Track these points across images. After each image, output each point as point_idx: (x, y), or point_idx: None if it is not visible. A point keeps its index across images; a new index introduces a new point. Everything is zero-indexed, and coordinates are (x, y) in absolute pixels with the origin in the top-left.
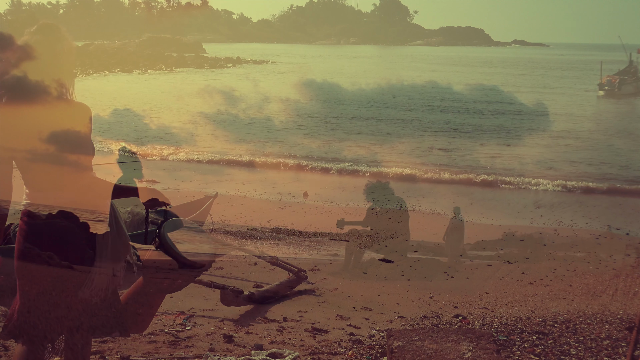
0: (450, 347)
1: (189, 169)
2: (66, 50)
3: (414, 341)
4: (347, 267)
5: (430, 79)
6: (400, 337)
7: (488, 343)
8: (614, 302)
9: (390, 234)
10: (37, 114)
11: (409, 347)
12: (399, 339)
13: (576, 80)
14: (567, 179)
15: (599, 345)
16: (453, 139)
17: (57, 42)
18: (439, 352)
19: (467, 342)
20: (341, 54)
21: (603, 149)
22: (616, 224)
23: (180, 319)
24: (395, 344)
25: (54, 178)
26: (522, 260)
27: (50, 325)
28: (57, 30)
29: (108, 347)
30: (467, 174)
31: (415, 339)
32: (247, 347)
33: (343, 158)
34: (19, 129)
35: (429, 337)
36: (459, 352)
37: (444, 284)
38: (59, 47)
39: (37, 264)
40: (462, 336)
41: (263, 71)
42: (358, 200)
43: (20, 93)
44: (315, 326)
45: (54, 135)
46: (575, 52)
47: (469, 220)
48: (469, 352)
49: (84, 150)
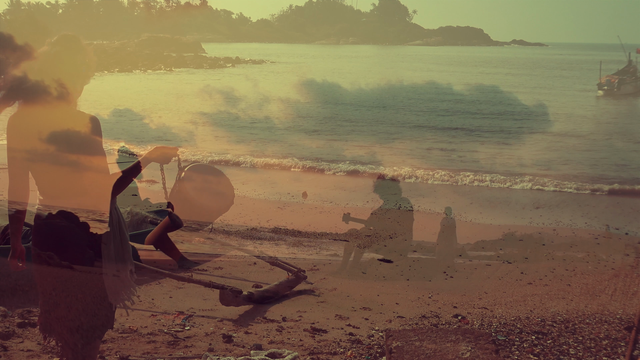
0: (449, 347)
1: None
2: (86, 61)
3: (412, 341)
4: (345, 266)
5: (430, 79)
6: (399, 337)
7: (487, 343)
8: (613, 302)
9: (390, 234)
10: (52, 120)
11: (408, 347)
12: (398, 339)
13: (575, 80)
14: (566, 179)
15: (598, 345)
16: (453, 139)
17: (77, 54)
18: (437, 352)
19: (465, 342)
20: (340, 53)
21: (602, 148)
22: (615, 224)
23: (179, 319)
24: (394, 344)
25: (67, 184)
26: (521, 260)
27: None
28: (76, 41)
29: (107, 347)
30: (466, 174)
31: (414, 339)
32: (247, 347)
33: (342, 158)
34: (32, 133)
35: (427, 337)
36: (457, 352)
37: (443, 284)
38: (79, 58)
39: (41, 265)
40: (461, 336)
41: (262, 71)
42: (357, 200)
43: (36, 98)
44: (315, 326)
45: (68, 141)
46: (574, 52)
47: (469, 221)
48: (468, 352)
49: (97, 155)
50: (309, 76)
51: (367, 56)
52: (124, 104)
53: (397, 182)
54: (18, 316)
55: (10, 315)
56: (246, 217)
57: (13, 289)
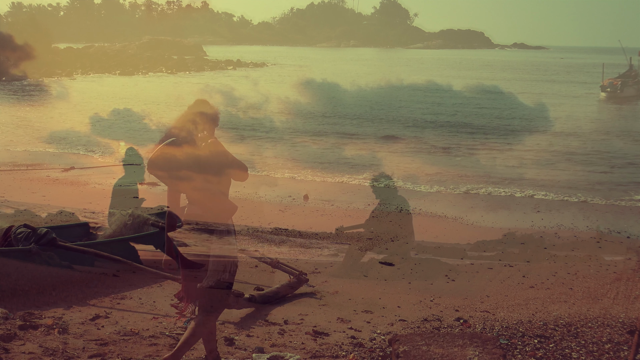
0: (457, 351)
1: None
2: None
3: (419, 346)
4: (345, 268)
5: (431, 81)
6: (406, 341)
7: (494, 348)
8: (615, 306)
9: (391, 237)
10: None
11: (415, 351)
12: (405, 344)
13: (577, 82)
14: (568, 181)
15: (600, 349)
16: (453, 141)
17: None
18: (445, 357)
19: (473, 347)
20: (341, 56)
21: (605, 151)
22: (617, 227)
23: (181, 322)
24: (401, 348)
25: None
26: (523, 263)
27: None
28: (207, 103)
29: (109, 350)
30: (467, 176)
31: (420, 343)
32: (248, 350)
33: (344, 160)
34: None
35: (434, 342)
36: (465, 357)
37: (445, 287)
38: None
39: None
40: (468, 341)
41: (264, 74)
42: (358, 203)
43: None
44: (316, 329)
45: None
46: (575, 55)
47: (470, 223)
48: (475, 357)
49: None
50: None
51: (368, 59)
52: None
53: (396, 186)
54: (19, 318)
55: (12, 317)
56: (247, 219)
57: (13, 290)
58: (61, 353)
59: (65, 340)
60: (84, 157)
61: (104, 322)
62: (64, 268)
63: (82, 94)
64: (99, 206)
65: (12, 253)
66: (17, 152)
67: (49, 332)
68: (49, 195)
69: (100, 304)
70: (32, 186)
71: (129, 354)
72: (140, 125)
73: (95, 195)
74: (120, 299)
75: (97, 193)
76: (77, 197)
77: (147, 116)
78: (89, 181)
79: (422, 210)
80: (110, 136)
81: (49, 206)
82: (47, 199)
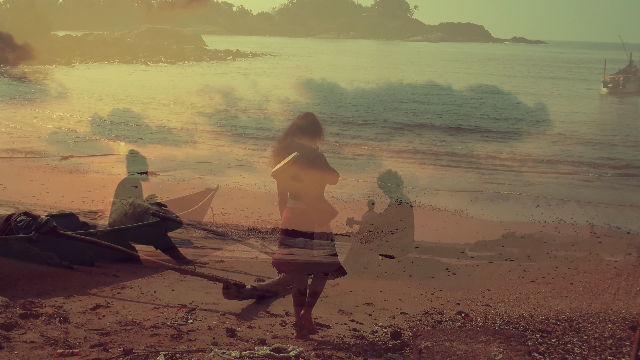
0: (480, 348)
1: (189, 164)
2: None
3: (442, 341)
4: (347, 262)
5: (430, 77)
6: (428, 337)
7: (519, 345)
8: (616, 301)
9: (392, 230)
10: None
11: (438, 347)
12: (427, 339)
13: (577, 78)
14: (568, 177)
15: (602, 344)
16: (453, 137)
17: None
18: (468, 354)
19: (497, 343)
20: (341, 48)
21: (606, 146)
22: (617, 223)
23: (182, 312)
24: (424, 344)
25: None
26: (523, 258)
27: None
28: (312, 116)
29: (111, 340)
30: (467, 171)
31: (443, 339)
32: (250, 342)
33: (343, 155)
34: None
35: (457, 338)
36: (489, 354)
37: (446, 281)
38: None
39: None
40: (492, 337)
41: (263, 64)
42: (357, 196)
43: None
44: (318, 321)
45: None
46: (575, 50)
47: (470, 217)
48: (500, 354)
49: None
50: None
51: (368, 51)
52: (125, 97)
53: (399, 180)
54: (20, 307)
55: (13, 306)
56: (247, 210)
57: (12, 291)
58: (63, 342)
59: (66, 330)
60: (82, 146)
61: (105, 311)
62: (64, 268)
63: (83, 80)
64: (98, 195)
65: (12, 241)
66: (16, 140)
67: (50, 321)
68: (47, 184)
69: (101, 294)
70: (31, 174)
71: (130, 344)
72: (140, 126)
73: (94, 184)
74: (120, 289)
75: (96, 182)
76: (76, 185)
77: (146, 117)
78: (88, 169)
79: (422, 203)
80: (110, 136)
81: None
82: (46, 187)
